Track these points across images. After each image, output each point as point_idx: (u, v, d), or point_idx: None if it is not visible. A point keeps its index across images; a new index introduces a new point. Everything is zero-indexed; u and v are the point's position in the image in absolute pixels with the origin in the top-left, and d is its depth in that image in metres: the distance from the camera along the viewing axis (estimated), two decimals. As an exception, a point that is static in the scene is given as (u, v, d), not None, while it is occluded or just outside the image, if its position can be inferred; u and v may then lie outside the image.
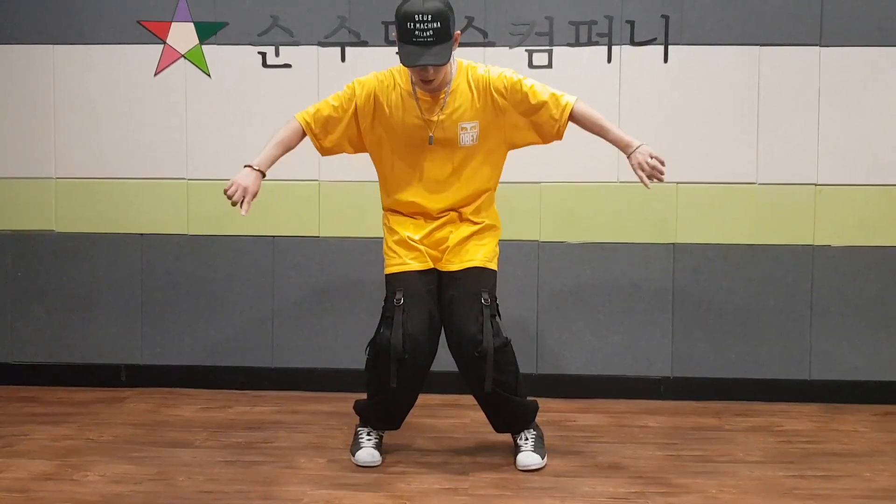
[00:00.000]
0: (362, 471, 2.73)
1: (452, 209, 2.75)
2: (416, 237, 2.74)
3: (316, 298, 3.60)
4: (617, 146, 2.68)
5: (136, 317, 3.65)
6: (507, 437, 2.88)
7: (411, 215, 2.77)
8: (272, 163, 2.71)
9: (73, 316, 3.66)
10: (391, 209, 2.81)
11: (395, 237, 2.76)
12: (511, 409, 2.77)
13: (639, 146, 2.63)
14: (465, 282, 2.70)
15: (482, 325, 2.62)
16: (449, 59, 2.54)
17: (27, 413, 3.31)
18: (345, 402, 3.34)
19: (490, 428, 2.99)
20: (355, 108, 2.71)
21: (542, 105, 2.68)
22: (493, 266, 2.77)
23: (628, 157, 2.65)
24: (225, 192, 2.62)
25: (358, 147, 2.80)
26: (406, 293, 2.66)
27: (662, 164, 2.60)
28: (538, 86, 2.70)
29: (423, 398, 3.31)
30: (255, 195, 2.63)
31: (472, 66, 2.71)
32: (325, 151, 2.81)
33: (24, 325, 3.67)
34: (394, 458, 2.83)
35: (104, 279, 3.64)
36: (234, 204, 2.61)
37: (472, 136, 2.69)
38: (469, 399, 3.29)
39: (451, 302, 2.69)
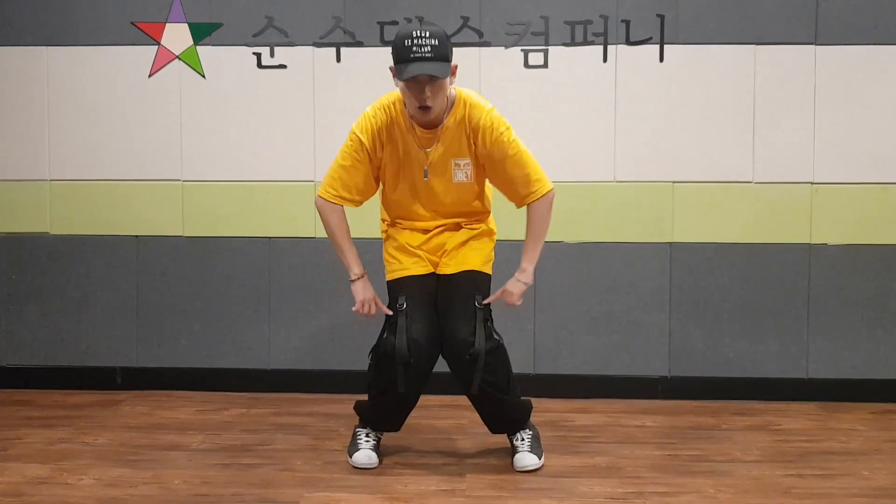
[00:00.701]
0: (359, 473, 2.72)
1: (446, 228, 2.80)
2: (415, 244, 2.76)
3: (312, 300, 3.59)
4: (523, 258, 2.73)
5: (132, 319, 3.63)
6: (503, 437, 2.87)
7: (410, 229, 2.80)
8: (359, 260, 2.78)
9: (68, 318, 3.64)
10: (389, 223, 2.84)
11: (395, 244, 2.78)
12: (504, 410, 2.77)
13: (526, 281, 2.73)
14: (458, 285, 2.71)
15: (474, 327, 2.62)
16: (447, 77, 2.50)
17: (21, 416, 3.29)
18: (341, 404, 3.33)
19: (487, 429, 2.98)
20: (369, 158, 2.69)
21: (511, 179, 2.68)
22: (488, 270, 2.79)
23: (514, 279, 2.74)
24: (358, 313, 2.74)
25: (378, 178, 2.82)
26: (409, 298, 2.67)
27: (514, 304, 2.76)
28: (523, 155, 2.67)
29: (420, 399, 3.30)
30: (376, 303, 2.75)
31: (471, 101, 2.65)
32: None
33: (18, 327, 3.66)
34: (391, 460, 2.82)
35: (99, 281, 3.63)
36: (369, 315, 2.74)
37: (466, 173, 2.69)
38: (467, 400, 3.27)
39: (444, 305, 2.70)
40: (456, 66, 2.57)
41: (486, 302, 2.69)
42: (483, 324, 2.64)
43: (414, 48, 2.46)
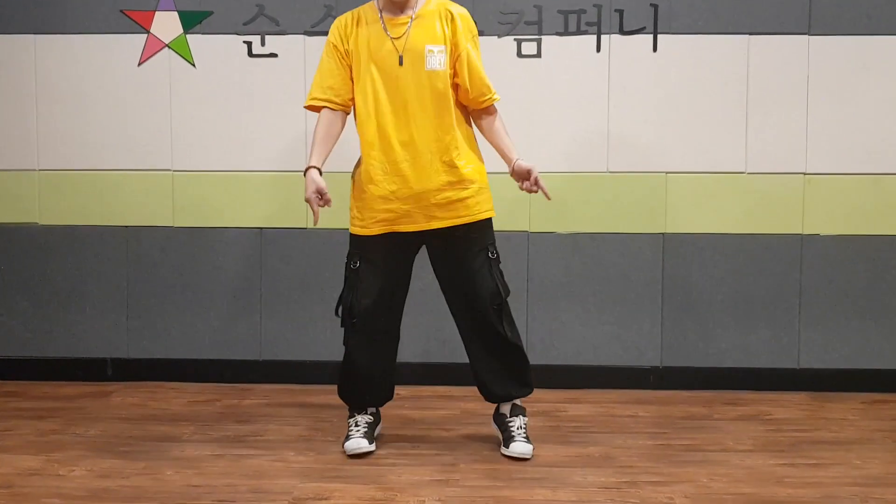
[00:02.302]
0: (352, 463, 2.71)
1: (426, 144, 2.69)
2: (391, 190, 2.70)
3: (304, 290, 3.57)
4: (510, 152, 2.76)
5: (122, 310, 3.61)
6: (496, 430, 2.87)
7: (383, 150, 2.70)
8: (324, 157, 2.74)
9: (58, 309, 3.62)
10: (364, 154, 2.75)
11: (362, 194, 2.74)
12: (525, 363, 2.86)
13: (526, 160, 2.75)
14: (468, 238, 2.74)
15: (495, 280, 2.74)
16: None
17: (12, 408, 3.27)
18: (333, 395, 3.30)
19: (480, 419, 2.99)
20: (340, 55, 2.73)
21: (473, 75, 2.72)
22: (490, 212, 2.77)
23: (518, 161, 2.73)
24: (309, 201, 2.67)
25: None
26: (363, 259, 2.74)
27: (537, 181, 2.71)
28: (480, 62, 2.74)
29: (413, 389, 3.31)
30: (319, 191, 2.65)
31: (449, 2, 2.76)
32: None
33: (8, 319, 3.63)
34: (384, 450, 2.81)
35: (89, 272, 3.60)
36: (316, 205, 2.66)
37: (440, 59, 2.69)
38: (459, 390, 3.28)
39: (457, 259, 2.74)
40: None
41: (549, 198, 2.74)
42: (500, 275, 2.75)
43: None
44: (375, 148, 2.71)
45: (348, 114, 2.78)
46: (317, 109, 2.78)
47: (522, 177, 2.72)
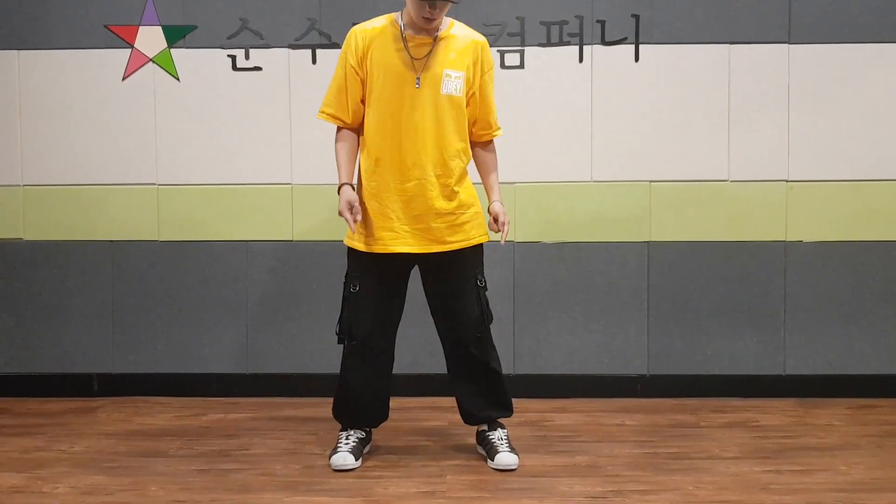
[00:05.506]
0: (339, 476, 2.71)
1: (433, 167, 2.69)
2: (394, 209, 2.70)
3: (290, 303, 3.57)
4: (493, 192, 2.83)
5: (108, 325, 3.60)
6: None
7: (389, 169, 2.69)
8: (351, 173, 2.76)
9: (44, 325, 3.60)
10: (366, 176, 2.75)
11: (367, 209, 2.75)
12: (503, 386, 2.87)
13: (503, 204, 2.81)
14: (461, 264, 2.77)
15: (481, 308, 2.79)
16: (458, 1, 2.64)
17: (-4, 425, 3.26)
18: (320, 408, 3.31)
19: (467, 429, 2.98)
20: (356, 71, 2.70)
21: (488, 108, 2.79)
22: (484, 237, 2.82)
23: (497, 203, 2.79)
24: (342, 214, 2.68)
25: None
26: (362, 283, 2.77)
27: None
28: (491, 93, 2.80)
29: (399, 401, 3.30)
30: (350, 202, 2.67)
31: (469, 29, 2.79)
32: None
33: (-8, 335, 3.62)
34: (371, 463, 2.81)
35: (74, 287, 3.59)
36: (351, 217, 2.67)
37: (457, 86, 2.69)
38: (447, 401, 3.28)
39: (447, 285, 2.78)
40: None
41: (503, 243, 2.80)
42: (485, 303, 2.80)
43: None
44: (381, 166, 2.70)
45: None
46: (339, 128, 2.78)
47: (495, 218, 2.77)
